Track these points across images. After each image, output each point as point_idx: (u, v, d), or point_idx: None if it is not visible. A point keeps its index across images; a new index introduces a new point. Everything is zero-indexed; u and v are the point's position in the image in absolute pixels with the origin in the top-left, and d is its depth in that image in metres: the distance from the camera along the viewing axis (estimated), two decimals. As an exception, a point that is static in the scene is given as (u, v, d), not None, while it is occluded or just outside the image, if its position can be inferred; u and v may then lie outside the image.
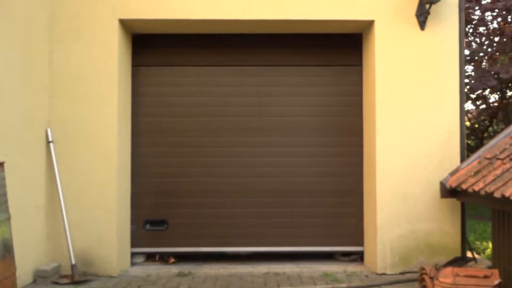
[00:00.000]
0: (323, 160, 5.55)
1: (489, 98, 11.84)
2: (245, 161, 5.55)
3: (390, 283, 4.67)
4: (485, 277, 3.64)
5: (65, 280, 4.67)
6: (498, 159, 4.05)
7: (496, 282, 3.60)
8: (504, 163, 3.92)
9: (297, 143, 5.56)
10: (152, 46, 5.54)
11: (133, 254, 5.45)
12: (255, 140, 5.55)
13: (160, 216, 5.50)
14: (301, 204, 5.53)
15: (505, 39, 9.75)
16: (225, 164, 5.54)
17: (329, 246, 5.53)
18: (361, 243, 5.49)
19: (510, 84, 10.57)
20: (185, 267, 5.24)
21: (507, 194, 3.42)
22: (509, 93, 11.47)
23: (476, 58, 10.00)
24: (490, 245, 5.04)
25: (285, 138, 5.56)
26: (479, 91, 10.37)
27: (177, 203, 5.51)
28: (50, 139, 4.86)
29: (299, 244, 5.53)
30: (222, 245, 5.51)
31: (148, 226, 5.50)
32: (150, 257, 5.61)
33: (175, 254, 5.57)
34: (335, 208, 5.53)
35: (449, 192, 4.53)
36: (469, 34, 10.36)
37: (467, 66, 9.98)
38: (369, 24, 5.16)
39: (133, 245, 5.42)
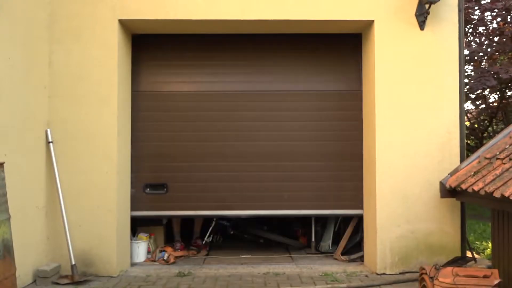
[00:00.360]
0: (322, 123, 5.57)
1: (489, 98, 11.85)
2: (245, 125, 5.57)
3: (390, 283, 4.68)
4: (485, 277, 3.64)
5: (65, 280, 4.66)
6: (497, 159, 4.05)
7: (496, 282, 3.60)
8: (504, 163, 3.92)
9: (296, 107, 5.58)
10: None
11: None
12: (255, 104, 5.57)
13: (160, 180, 5.51)
14: (301, 168, 5.55)
15: (504, 39, 9.76)
16: (225, 127, 5.56)
17: (329, 209, 5.56)
18: (360, 207, 5.50)
19: (509, 84, 10.57)
20: (185, 267, 5.25)
21: (506, 194, 3.42)
22: (508, 93, 11.49)
23: (475, 58, 10.01)
24: (490, 245, 5.04)
25: (284, 102, 5.58)
26: (479, 91, 10.37)
27: (177, 167, 5.53)
28: (50, 140, 4.86)
29: (299, 207, 5.55)
30: (222, 209, 5.53)
31: (148, 190, 5.50)
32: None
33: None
34: (335, 171, 5.55)
35: (448, 192, 4.54)
36: (468, 34, 10.36)
37: (466, 66, 10.00)
38: (369, 24, 5.16)
39: (133, 208, 5.42)
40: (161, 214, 5.57)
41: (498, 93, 11.51)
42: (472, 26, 10.22)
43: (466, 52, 9.35)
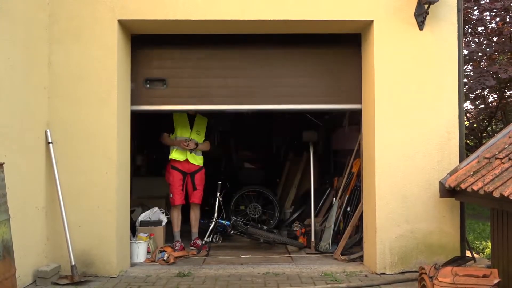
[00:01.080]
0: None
1: (488, 98, 11.91)
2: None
3: (390, 283, 4.68)
4: (484, 276, 3.65)
5: (65, 281, 4.66)
6: (497, 158, 4.06)
7: (495, 281, 3.61)
8: (503, 163, 3.93)
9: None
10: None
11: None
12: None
13: (159, 75, 5.49)
14: (299, 62, 5.54)
15: (503, 39, 9.79)
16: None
17: (327, 104, 5.59)
18: (358, 101, 5.50)
19: (508, 84, 10.60)
20: (185, 268, 5.25)
21: (506, 194, 3.43)
22: (507, 93, 11.51)
23: (474, 58, 10.03)
24: (489, 244, 5.05)
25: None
26: (478, 91, 10.41)
27: (176, 62, 5.50)
28: (50, 140, 4.85)
29: (299, 102, 5.57)
30: (223, 103, 5.52)
31: (147, 85, 5.48)
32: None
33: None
34: (332, 65, 5.55)
35: (448, 191, 4.54)
36: (467, 34, 10.39)
37: (466, 66, 10.02)
38: (368, 24, 5.16)
39: (133, 103, 5.40)
40: (160, 109, 5.53)
41: (497, 93, 11.55)
42: (471, 26, 10.25)
43: (465, 52, 9.37)
